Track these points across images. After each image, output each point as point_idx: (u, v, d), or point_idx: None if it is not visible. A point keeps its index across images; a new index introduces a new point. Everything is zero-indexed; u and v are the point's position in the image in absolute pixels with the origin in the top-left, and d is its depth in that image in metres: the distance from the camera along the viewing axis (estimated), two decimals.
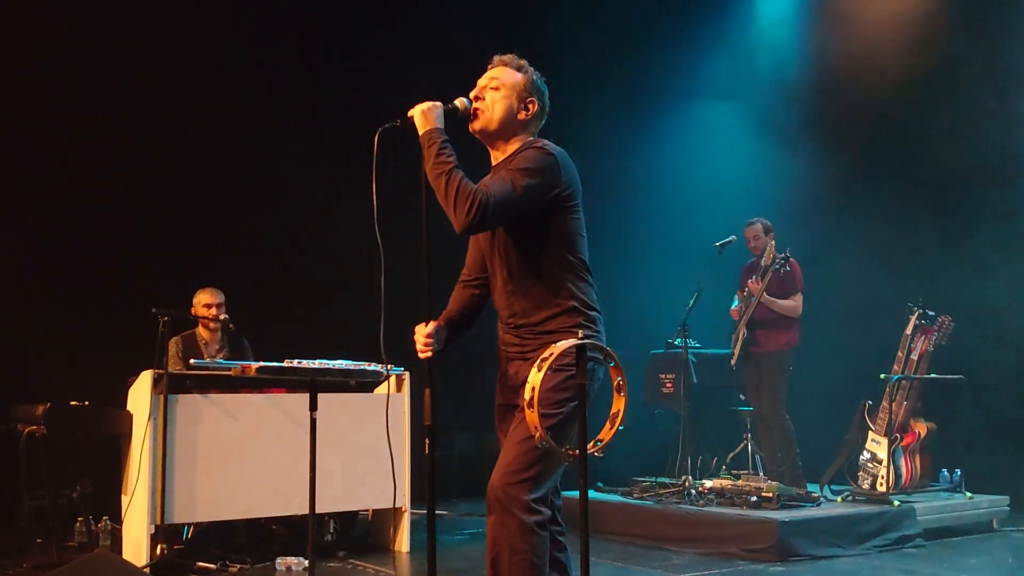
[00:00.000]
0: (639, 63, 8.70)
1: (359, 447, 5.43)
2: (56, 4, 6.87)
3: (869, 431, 6.41)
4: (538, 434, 2.58)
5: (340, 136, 7.21)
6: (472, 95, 3.05)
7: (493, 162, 3.08)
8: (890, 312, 6.78)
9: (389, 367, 5.31)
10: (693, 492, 6.10)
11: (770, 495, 5.75)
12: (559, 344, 2.62)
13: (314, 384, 4.06)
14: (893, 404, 6.32)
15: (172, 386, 5.07)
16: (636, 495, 6.42)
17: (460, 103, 3.01)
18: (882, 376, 6.40)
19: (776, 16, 8.87)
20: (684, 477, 6.37)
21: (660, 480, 6.56)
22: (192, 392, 5.16)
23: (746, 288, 6.80)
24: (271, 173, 7.68)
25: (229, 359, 5.82)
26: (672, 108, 8.71)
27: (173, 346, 5.76)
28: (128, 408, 5.35)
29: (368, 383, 5.44)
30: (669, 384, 7.30)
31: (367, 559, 5.43)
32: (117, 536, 5.42)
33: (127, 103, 7.13)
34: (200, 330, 6.04)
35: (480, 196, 2.77)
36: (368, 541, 5.86)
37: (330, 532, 5.74)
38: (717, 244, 6.84)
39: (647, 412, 7.51)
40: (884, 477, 6.22)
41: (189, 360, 5.33)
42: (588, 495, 2.57)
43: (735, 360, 6.84)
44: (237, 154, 7.47)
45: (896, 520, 5.79)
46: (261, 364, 4.15)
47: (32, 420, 5.22)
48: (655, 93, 8.81)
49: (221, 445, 5.17)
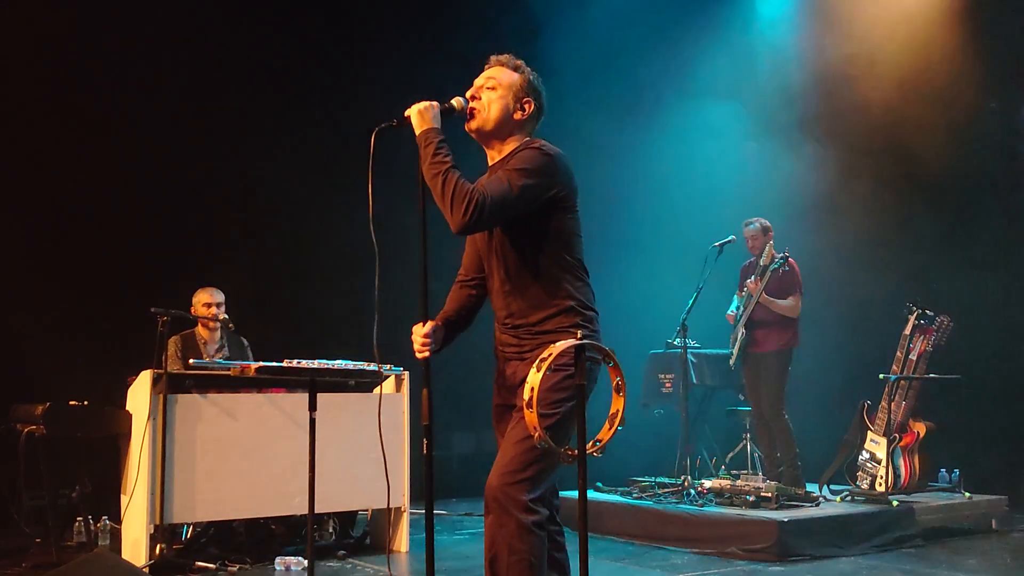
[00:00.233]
0: (639, 63, 8.69)
1: (358, 447, 5.42)
2: (56, 4, 6.88)
3: (868, 431, 6.41)
4: (537, 434, 2.57)
5: (339, 136, 7.23)
6: (468, 95, 3.04)
7: (490, 162, 3.08)
8: (889, 312, 6.79)
9: (389, 367, 5.39)
10: (692, 492, 6.11)
11: (769, 495, 5.75)
12: (558, 344, 2.62)
13: (313, 384, 4.05)
14: (892, 404, 6.32)
15: (171, 386, 5.07)
16: (635, 495, 6.43)
17: (457, 102, 3.00)
18: (881, 376, 6.39)
19: (775, 16, 8.87)
20: (683, 477, 6.37)
21: (659, 480, 6.56)
22: (191, 392, 5.16)
23: (745, 288, 6.81)
24: (271, 173, 7.69)
25: (229, 359, 5.83)
26: (672, 108, 8.70)
27: (172, 346, 5.76)
28: (127, 408, 5.35)
29: (367, 383, 5.45)
30: (668, 384, 7.31)
31: (366, 559, 5.43)
32: (116, 536, 5.43)
33: (127, 103, 7.14)
34: (200, 330, 6.05)
35: (477, 196, 2.77)
36: (367, 541, 5.86)
37: (329, 532, 5.74)
38: (716, 244, 6.85)
39: (647, 412, 7.51)
40: (883, 477, 6.22)
41: (188, 360, 5.34)
42: (587, 495, 2.57)
43: (734, 360, 6.86)
44: (237, 154, 7.48)
45: (895, 520, 5.79)
46: (261, 364, 4.14)
47: (31, 420, 5.22)
48: (655, 93, 8.80)
49: (220, 445, 5.17)
